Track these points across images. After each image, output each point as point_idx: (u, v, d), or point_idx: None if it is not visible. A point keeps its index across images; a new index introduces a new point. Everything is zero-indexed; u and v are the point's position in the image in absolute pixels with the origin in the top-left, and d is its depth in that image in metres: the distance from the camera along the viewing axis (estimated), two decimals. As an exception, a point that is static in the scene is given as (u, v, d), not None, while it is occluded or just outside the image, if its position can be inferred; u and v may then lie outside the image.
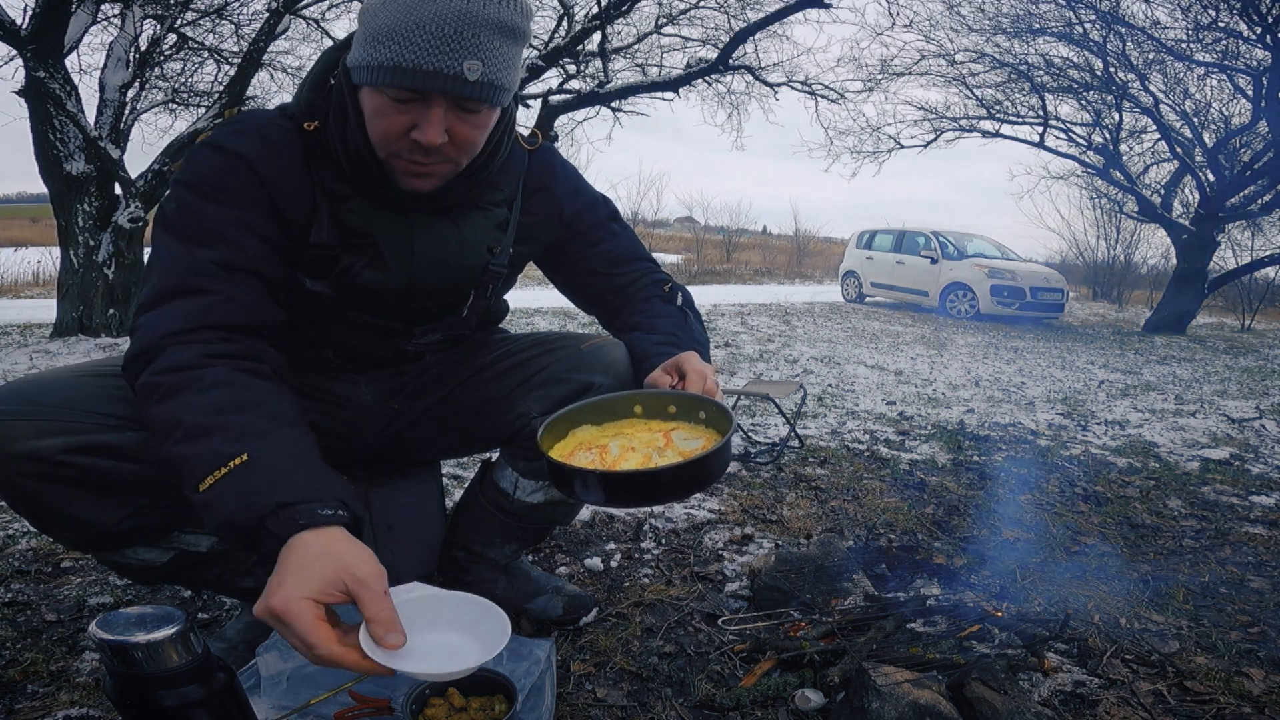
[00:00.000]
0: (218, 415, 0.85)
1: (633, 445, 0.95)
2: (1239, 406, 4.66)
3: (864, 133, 12.43)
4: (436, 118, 0.94)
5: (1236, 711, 1.28)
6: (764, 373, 5.05)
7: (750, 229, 30.88)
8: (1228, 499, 2.63)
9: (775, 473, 2.66)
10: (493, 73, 0.93)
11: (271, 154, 1.01)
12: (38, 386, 0.96)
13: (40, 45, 4.95)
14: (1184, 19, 9.33)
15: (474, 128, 0.98)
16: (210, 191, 0.98)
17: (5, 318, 6.77)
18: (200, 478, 0.82)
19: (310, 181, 1.04)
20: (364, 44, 0.94)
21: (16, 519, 1.95)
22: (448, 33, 0.89)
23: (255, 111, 1.07)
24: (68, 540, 1.01)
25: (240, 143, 1.01)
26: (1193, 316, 10.69)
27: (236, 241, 0.98)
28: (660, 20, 9.38)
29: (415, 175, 1.01)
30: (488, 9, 0.90)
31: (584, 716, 1.21)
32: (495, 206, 1.16)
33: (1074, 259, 20.85)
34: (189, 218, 0.98)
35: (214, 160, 1.00)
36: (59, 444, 0.91)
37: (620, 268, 1.31)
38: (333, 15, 8.03)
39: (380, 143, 0.98)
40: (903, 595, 1.59)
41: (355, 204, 1.05)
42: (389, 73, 0.91)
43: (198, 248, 0.96)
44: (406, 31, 0.89)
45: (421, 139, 0.94)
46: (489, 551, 1.44)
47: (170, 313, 0.93)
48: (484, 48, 0.91)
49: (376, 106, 0.95)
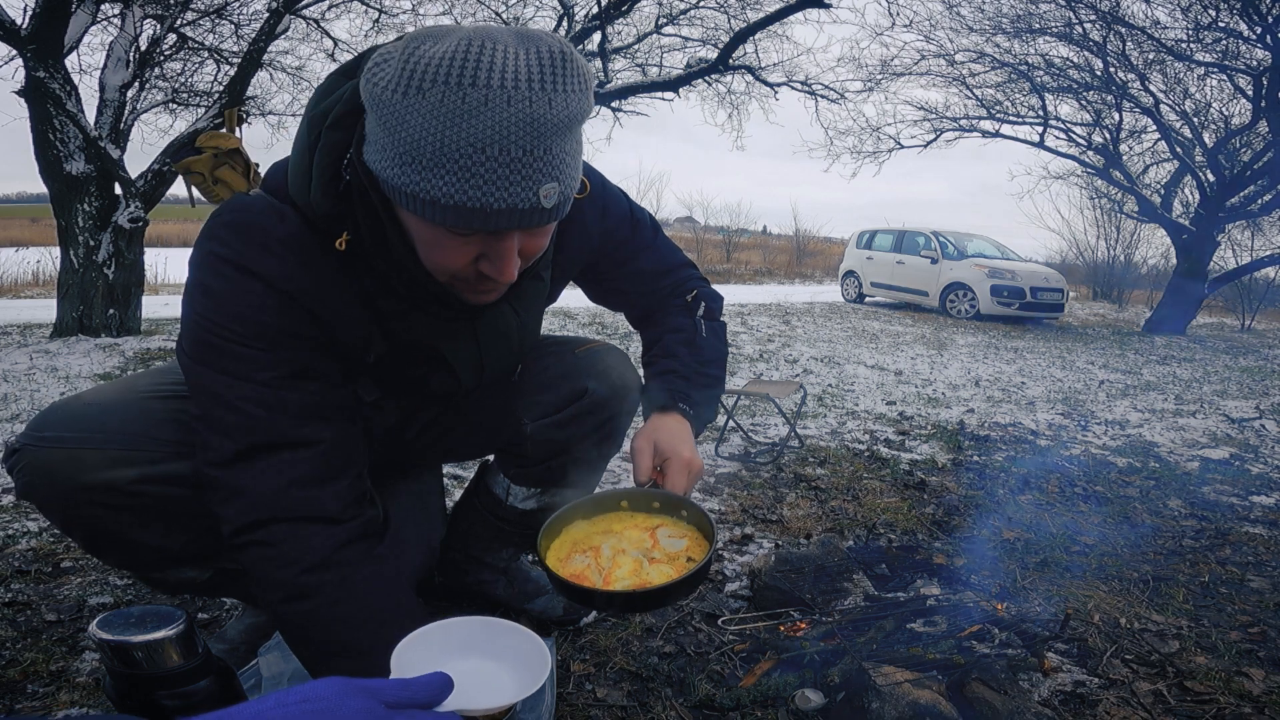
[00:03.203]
0: (344, 635, 0.88)
1: (623, 547, 0.99)
2: (1239, 406, 4.66)
3: (864, 133, 12.44)
4: (510, 252, 0.78)
5: (1236, 711, 1.28)
6: (764, 373, 5.05)
7: (750, 229, 30.86)
8: (1228, 499, 2.63)
9: (775, 473, 2.66)
10: (568, 187, 0.76)
11: (309, 278, 0.87)
12: (105, 411, 0.94)
13: (40, 45, 4.95)
14: (1184, 19, 9.33)
15: (544, 237, 0.83)
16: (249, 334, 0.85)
17: (5, 318, 6.77)
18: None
19: (353, 299, 0.90)
20: (400, 163, 0.72)
21: (16, 519, 1.94)
22: (516, 155, 0.70)
23: (263, 210, 0.88)
24: (115, 560, 1.01)
25: (267, 266, 0.85)
26: (1193, 316, 10.69)
27: (300, 383, 0.88)
28: (660, 20, 9.38)
29: (483, 294, 0.88)
30: (554, 107, 0.70)
31: (584, 716, 1.21)
32: (545, 270, 1.06)
33: (1074, 259, 20.84)
34: (239, 361, 0.85)
35: (245, 287, 0.85)
36: (135, 474, 0.90)
37: (650, 284, 1.24)
38: (333, 15, 8.04)
39: (440, 272, 0.83)
40: (903, 595, 1.59)
41: (414, 320, 0.94)
42: (449, 213, 0.72)
43: (264, 389, 0.86)
44: (462, 157, 0.69)
45: (497, 276, 0.80)
46: (487, 555, 1.44)
47: (271, 469, 0.86)
48: (558, 163, 0.73)
49: (432, 238, 0.78)
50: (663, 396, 1.12)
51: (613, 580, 0.94)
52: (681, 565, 0.97)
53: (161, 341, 5.33)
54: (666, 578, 0.93)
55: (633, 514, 1.07)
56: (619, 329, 6.90)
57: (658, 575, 0.94)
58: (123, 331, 5.54)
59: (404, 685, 0.57)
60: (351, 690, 0.52)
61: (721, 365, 1.24)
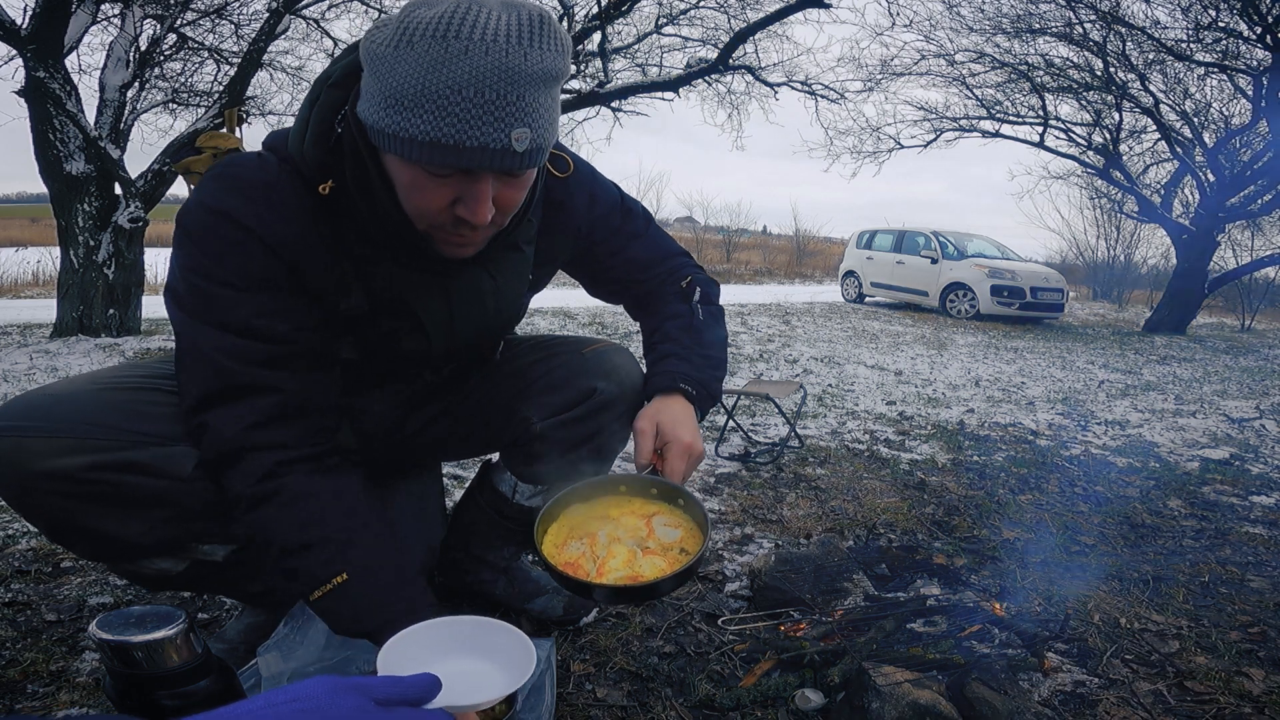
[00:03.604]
0: (306, 532, 0.92)
1: (619, 535, 1.00)
2: (1239, 406, 4.66)
3: (864, 133, 12.43)
4: (484, 194, 0.84)
5: (1236, 711, 1.28)
6: (764, 373, 5.05)
7: (750, 229, 30.89)
8: (1228, 499, 2.63)
9: (775, 473, 2.66)
10: (540, 135, 0.82)
11: (284, 223, 0.92)
12: (58, 401, 0.94)
13: (40, 45, 4.94)
14: (1184, 19, 9.33)
15: (519, 189, 0.90)
16: (225, 277, 0.91)
17: (5, 318, 6.77)
18: (307, 594, 0.93)
19: (330, 246, 0.95)
20: (385, 106, 0.79)
21: (16, 519, 1.94)
22: (490, 98, 0.76)
23: (248, 162, 0.95)
24: (82, 551, 1.01)
25: (248, 211, 0.90)
26: (1193, 316, 10.69)
27: (270, 328, 0.93)
28: (660, 20, 9.38)
29: (460, 246, 0.94)
30: (529, 59, 0.77)
31: (584, 716, 1.21)
32: (527, 244, 1.09)
33: (1074, 259, 20.87)
34: (213, 304, 0.91)
35: (220, 232, 0.90)
36: (84, 462, 0.91)
37: (644, 273, 1.26)
38: (333, 15, 8.04)
39: (418, 217, 0.89)
40: (903, 595, 1.59)
41: (386, 268, 0.98)
42: (426, 149, 0.78)
43: (237, 338, 0.91)
44: (439, 98, 0.76)
45: (471, 218, 0.85)
46: (488, 554, 1.44)
47: (233, 414, 0.92)
48: (530, 109, 0.79)
49: (411, 180, 0.85)
50: (664, 379, 1.13)
51: (606, 571, 0.95)
52: (675, 557, 0.97)
53: (161, 341, 5.33)
54: (659, 571, 0.94)
55: (630, 499, 1.07)
56: (619, 328, 6.90)
57: (650, 568, 0.95)
58: (123, 331, 5.54)
59: (394, 683, 0.58)
60: (341, 688, 0.53)
61: (722, 348, 1.24)
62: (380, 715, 0.53)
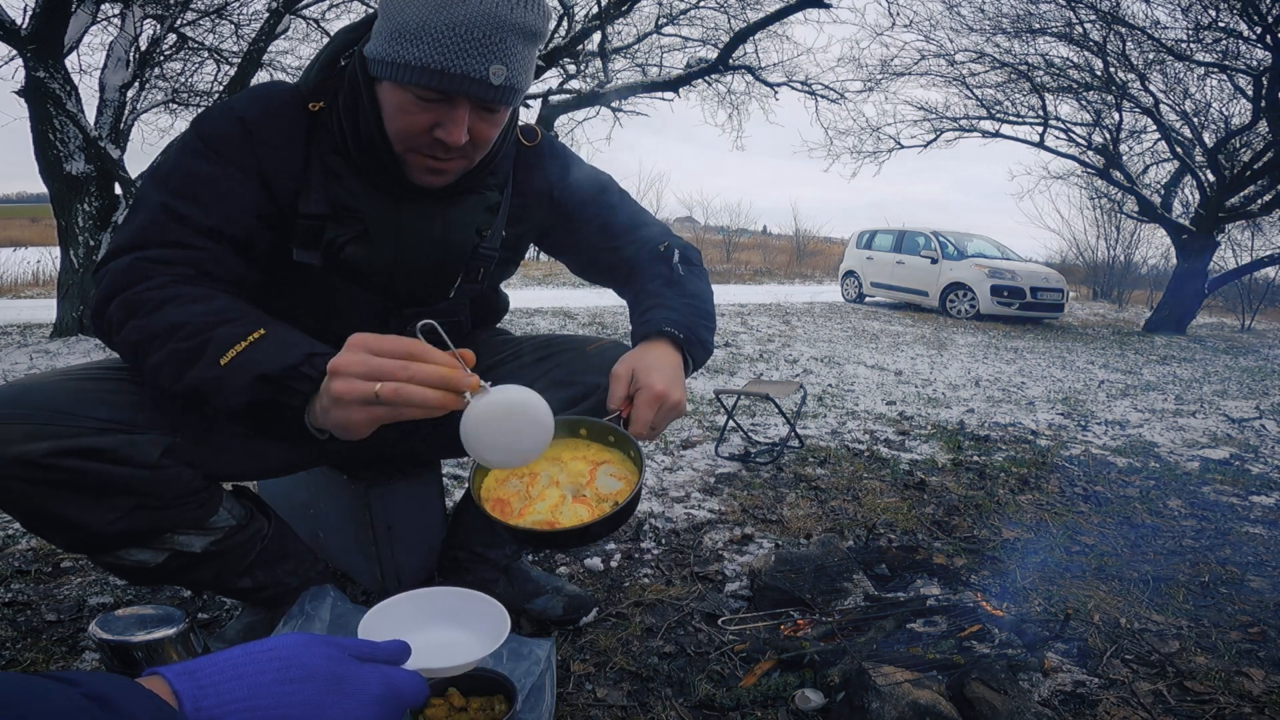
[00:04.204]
0: (220, 314, 0.91)
1: (559, 479, 1.00)
2: (1239, 406, 4.66)
3: (864, 133, 12.44)
4: (461, 118, 0.97)
5: (1236, 711, 1.28)
6: (764, 373, 5.05)
7: (750, 229, 30.92)
8: (1228, 499, 2.63)
9: (775, 473, 2.66)
10: (514, 76, 0.96)
11: (270, 121, 1.04)
12: (27, 390, 0.95)
13: (40, 45, 4.94)
14: (1184, 19, 9.33)
15: (492, 126, 1.02)
16: (203, 150, 1.02)
17: (5, 318, 6.77)
18: (221, 353, 0.87)
19: (305, 154, 1.06)
20: (389, 39, 0.95)
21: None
22: (476, 36, 0.91)
23: (278, 83, 1.10)
24: (59, 541, 1.01)
25: (246, 107, 1.04)
26: (1193, 316, 10.69)
27: (217, 203, 1.01)
28: (660, 20, 9.39)
29: (432, 172, 1.04)
30: (514, 13, 0.93)
31: (584, 716, 1.21)
32: (487, 190, 1.16)
33: (1074, 259, 20.86)
34: (179, 174, 1.01)
35: (217, 121, 1.03)
36: (46, 448, 0.90)
37: (622, 239, 1.29)
38: (333, 15, 8.04)
39: (400, 138, 1.00)
40: (903, 595, 1.59)
41: (350, 183, 1.07)
42: (417, 73, 0.93)
43: (181, 203, 0.99)
44: (436, 32, 0.91)
45: (446, 138, 0.97)
46: (489, 552, 1.44)
47: (148, 254, 0.96)
48: (508, 52, 0.94)
49: (399, 103, 0.97)
50: (647, 325, 1.14)
51: (528, 513, 0.95)
52: (600, 510, 0.96)
53: (161, 341, 5.32)
54: (576, 520, 0.94)
55: (588, 443, 1.05)
56: (620, 328, 6.91)
57: (570, 517, 0.94)
58: (123, 331, 5.53)
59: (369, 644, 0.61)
60: (316, 640, 0.57)
61: (708, 300, 1.26)
62: (352, 666, 0.56)
